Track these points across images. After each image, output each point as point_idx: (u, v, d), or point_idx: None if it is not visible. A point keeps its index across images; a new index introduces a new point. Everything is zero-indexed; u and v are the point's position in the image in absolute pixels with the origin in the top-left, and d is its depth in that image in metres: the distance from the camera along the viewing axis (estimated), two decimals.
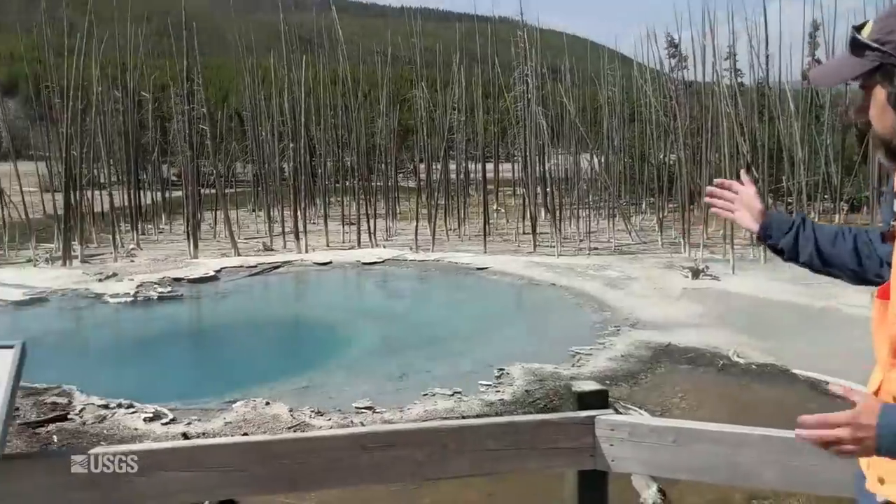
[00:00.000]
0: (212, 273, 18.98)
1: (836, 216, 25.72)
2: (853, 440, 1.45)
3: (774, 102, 26.72)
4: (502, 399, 9.53)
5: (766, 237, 2.03)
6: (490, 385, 10.14)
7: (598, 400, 2.46)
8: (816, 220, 26.73)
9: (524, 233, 26.16)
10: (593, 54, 38.44)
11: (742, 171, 2.15)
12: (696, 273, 17.30)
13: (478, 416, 8.72)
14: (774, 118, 27.02)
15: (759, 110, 26.10)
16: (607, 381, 10.02)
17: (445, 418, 8.61)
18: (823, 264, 1.93)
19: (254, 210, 34.58)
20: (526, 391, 9.82)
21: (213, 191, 29.20)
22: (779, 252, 2.03)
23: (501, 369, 10.76)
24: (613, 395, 9.11)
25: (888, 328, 1.56)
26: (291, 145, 27.51)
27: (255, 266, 20.29)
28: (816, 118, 29.60)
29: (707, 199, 2.13)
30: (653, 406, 9.22)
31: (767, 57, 24.72)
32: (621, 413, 8.36)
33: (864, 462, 1.64)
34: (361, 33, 38.22)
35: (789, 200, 26.20)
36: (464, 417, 8.59)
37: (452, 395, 9.65)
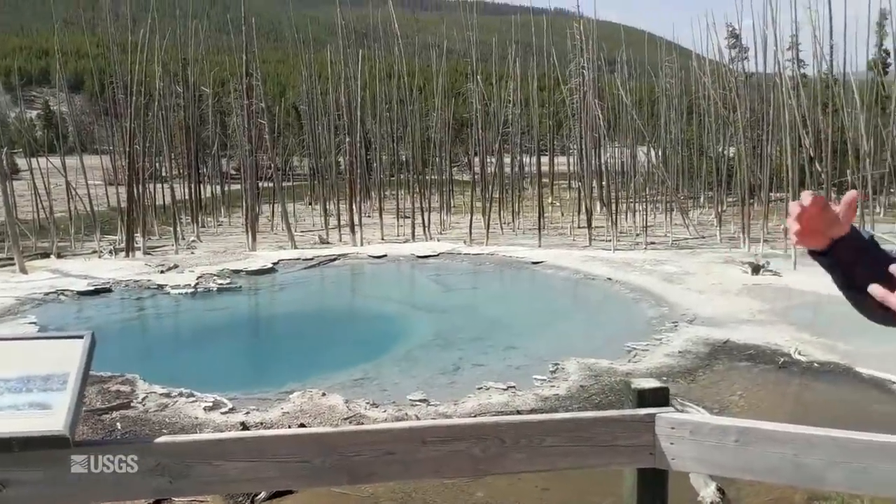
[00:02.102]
0: (269, 265, 19.27)
1: None
2: None
3: (839, 94, 25.97)
4: (557, 394, 9.47)
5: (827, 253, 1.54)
6: (545, 380, 10.09)
7: (658, 397, 2.42)
8: (882, 214, 26.05)
9: (579, 227, 25.98)
10: (650, 46, 37.94)
11: (806, 194, 1.51)
12: (756, 268, 16.95)
13: (532, 410, 8.69)
14: (839, 110, 26.28)
15: (822, 102, 25.40)
16: (664, 378, 9.89)
17: (500, 412, 8.61)
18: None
19: (310, 203, 35.08)
20: (581, 386, 9.75)
21: (271, 184, 29.66)
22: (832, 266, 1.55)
23: (556, 364, 10.70)
24: (670, 392, 8.99)
25: None
26: (347, 139, 27.77)
27: (312, 259, 20.53)
28: (882, 109, 28.73)
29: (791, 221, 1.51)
30: (710, 403, 9.07)
31: (832, 47, 24.03)
32: (679, 410, 8.26)
33: None
34: (417, 27, 38.27)
35: None
36: (518, 412, 8.57)
37: (507, 389, 9.63)
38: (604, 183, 27.43)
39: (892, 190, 27.54)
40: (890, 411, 8.69)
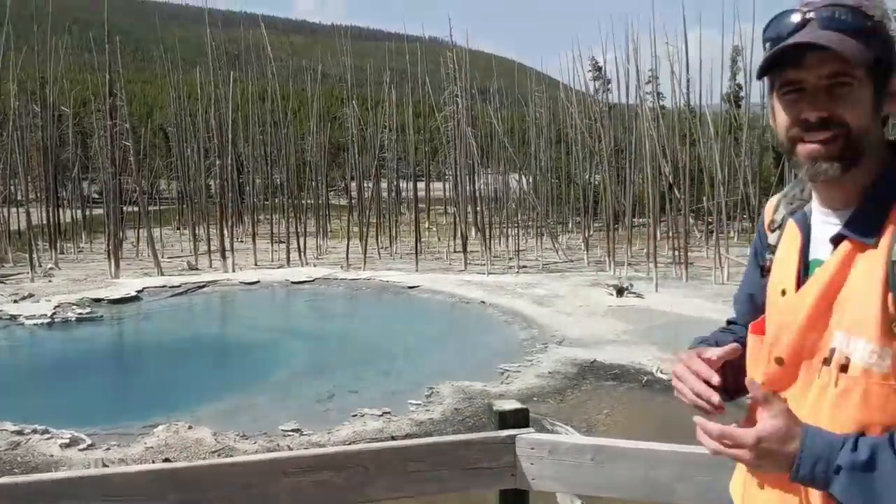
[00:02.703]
0: (133, 293, 18.48)
1: (755, 235, 26.55)
2: (759, 459, 1.25)
3: (695, 125, 27.52)
4: (432, 418, 9.51)
5: None
6: (420, 404, 10.11)
7: (519, 418, 2.46)
8: (735, 239, 27.70)
9: (455, 251, 26.27)
10: (521, 76, 39.09)
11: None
12: (620, 291, 17.63)
13: (407, 435, 8.69)
14: (695, 140, 27.84)
15: (680, 133, 26.84)
16: (535, 398, 10.12)
17: (374, 439, 8.55)
18: None
19: (178, 228, 33.88)
20: (455, 409, 9.83)
21: (136, 208, 28.50)
22: None
23: (431, 388, 10.76)
24: (541, 412, 9.21)
25: (763, 365, 1.43)
26: (218, 162, 27.08)
27: (179, 286, 19.84)
28: (735, 140, 30.61)
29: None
30: (579, 422, 9.33)
31: (688, 81, 25.48)
32: (549, 430, 8.47)
33: (739, 486, 1.52)
34: (291, 51, 37.95)
35: (709, 220, 26.99)
36: (393, 438, 8.55)
37: (382, 415, 9.59)
38: (478, 209, 27.90)
39: (744, 216, 29.31)
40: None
